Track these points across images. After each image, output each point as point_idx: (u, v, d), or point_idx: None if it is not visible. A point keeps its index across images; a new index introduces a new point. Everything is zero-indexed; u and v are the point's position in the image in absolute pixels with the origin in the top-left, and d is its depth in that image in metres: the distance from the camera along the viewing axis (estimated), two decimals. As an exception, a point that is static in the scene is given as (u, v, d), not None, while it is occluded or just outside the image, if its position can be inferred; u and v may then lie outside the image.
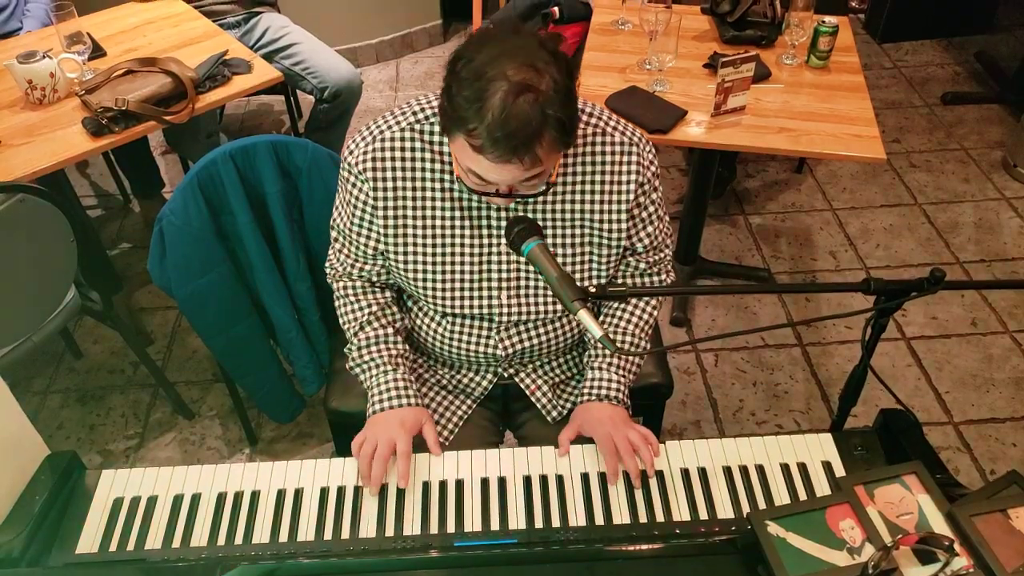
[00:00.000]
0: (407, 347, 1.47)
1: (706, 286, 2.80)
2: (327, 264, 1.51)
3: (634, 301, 1.48)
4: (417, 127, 1.30)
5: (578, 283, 1.18)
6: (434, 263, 1.37)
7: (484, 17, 3.62)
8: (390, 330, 1.44)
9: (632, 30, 2.44)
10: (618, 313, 1.47)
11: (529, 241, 1.16)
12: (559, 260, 1.38)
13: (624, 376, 1.43)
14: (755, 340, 2.57)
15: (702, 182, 2.52)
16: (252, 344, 1.90)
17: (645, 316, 1.48)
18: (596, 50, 2.37)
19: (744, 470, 1.30)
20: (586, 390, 1.42)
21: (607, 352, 1.44)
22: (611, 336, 1.42)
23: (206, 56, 2.28)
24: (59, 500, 1.25)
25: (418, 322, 1.49)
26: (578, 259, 1.38)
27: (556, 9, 2.71)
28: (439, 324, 1.46)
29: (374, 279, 1.46)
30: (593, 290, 1.13)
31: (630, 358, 1.45)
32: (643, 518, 1.24)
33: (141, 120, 2.07)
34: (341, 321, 1.48)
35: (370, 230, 1.37)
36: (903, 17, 3.92)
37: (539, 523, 1.23)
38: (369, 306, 1.45)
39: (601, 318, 1.49)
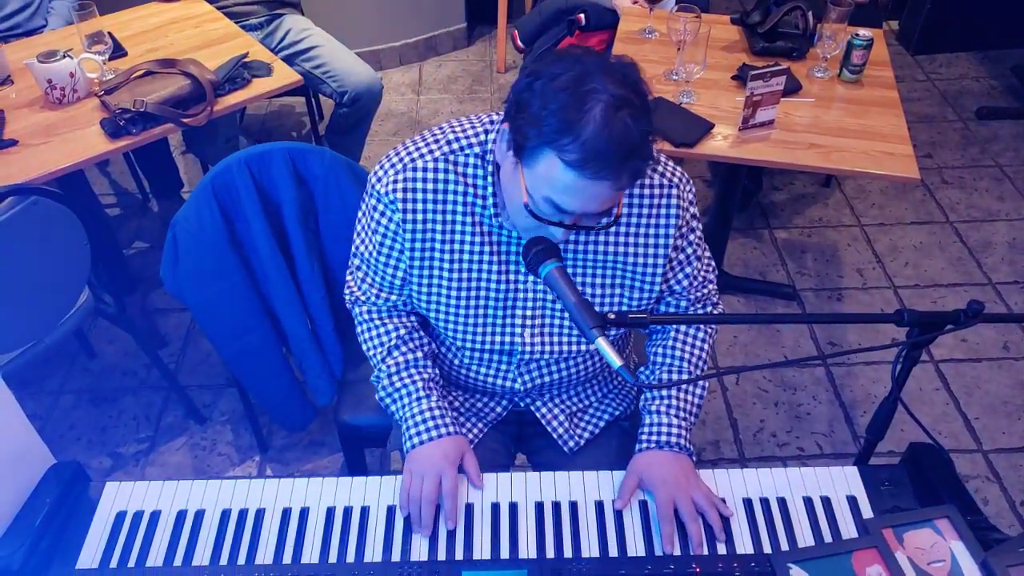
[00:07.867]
0: (437, 372, 1.40)
1: (734, 314, 2.73)
2: (346, 289, 1.44)
3: (680, 336, 1.40)
4: (452, 157, 1.25)
5: None
6: (458, 298, 1.32)
7: (509, 21, 3.59)
8: (419, 354, 1.38)
9: (659, 39, 2.39)
10: (668, 346, 1.40)
11: (547, 263, 1.12)
12: (588, 300, 1.33)
13: (686, 418, 1.33)
14: (777, 358, 2.51)
15: (727, 196, 2.47)
16: (264, 353, 1.87)
17: (696, 348, 1.40)
18: (622, 59, 2.32)
19: (765, 502, 1.25)
20: (644, 436, 1.32)
21: (665, 393, 1.34)
22: (664, 374, 1.37)
23: (227, 57, 2.26)
24: (61, 512, 1.23)
25: (435, 348, 1.44)
26: (607, 300, 1.33)
27: (582, 16, 2.66)
28: (455, 356, 1.42)
29: (400, 307, 1.40)
30: (612, 316, 1.08)
31: (689, 398, 1.35)
32: (659, 551, 1.19)
33: (159, 122, 2.05)
34: (365, 348, 1.42)
35: (398, 260, 1.32)
36: (938, 29, 3.84)
37: (550, 552, 1.19)
38: (396, 330, 1.39)
39: (651, 357, 1.41)
